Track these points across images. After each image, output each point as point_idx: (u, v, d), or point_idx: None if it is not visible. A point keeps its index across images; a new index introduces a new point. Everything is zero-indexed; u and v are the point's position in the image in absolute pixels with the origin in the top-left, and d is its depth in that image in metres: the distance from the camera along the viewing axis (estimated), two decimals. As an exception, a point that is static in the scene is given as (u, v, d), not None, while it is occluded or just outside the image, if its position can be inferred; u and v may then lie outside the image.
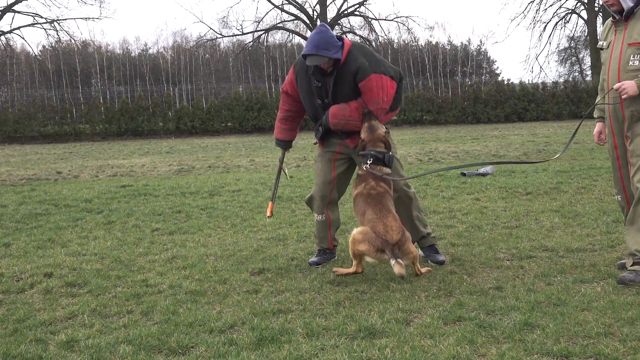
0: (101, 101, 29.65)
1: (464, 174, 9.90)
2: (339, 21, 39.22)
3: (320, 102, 4.93)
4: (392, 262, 4.26)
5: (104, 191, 9.56)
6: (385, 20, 38.89)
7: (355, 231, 4.54)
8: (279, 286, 4.48)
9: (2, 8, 35.32)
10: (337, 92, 4.82)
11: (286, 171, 5.58)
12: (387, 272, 4.69)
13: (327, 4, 38.36)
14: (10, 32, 36.79)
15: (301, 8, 38.47)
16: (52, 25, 36.40)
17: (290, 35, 41.62)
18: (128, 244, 6.04)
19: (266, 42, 41.97)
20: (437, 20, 77.79)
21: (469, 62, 47.53)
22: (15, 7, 35.86)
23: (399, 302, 4.01)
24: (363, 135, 4.82)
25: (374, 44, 40.26)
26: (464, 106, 29.62)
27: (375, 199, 4.65)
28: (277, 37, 46.33)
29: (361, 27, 40.76)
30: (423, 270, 4.63)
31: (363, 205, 4.68)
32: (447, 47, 47.78)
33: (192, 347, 3.44)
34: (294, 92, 5.12)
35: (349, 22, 40.58)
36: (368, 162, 4.76)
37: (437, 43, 46.96)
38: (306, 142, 18.59)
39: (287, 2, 38.52)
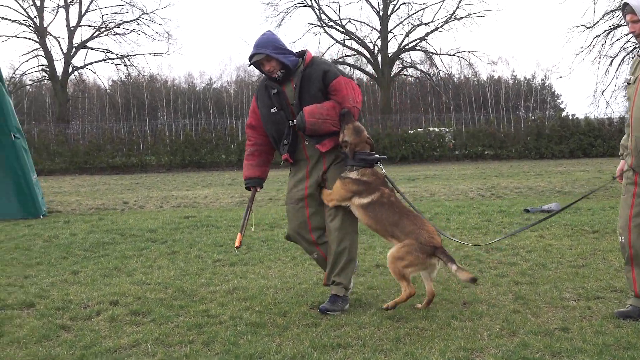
0: (166, 134, 30.62)
1: (527, 210, 9.70)
2: (400, 56, 39.38)
3: (279, 111, 4.81)
4: (454, 268, 4.39)
5: (168, 222, 9.80)
6: (446, 55, 38.81)
7: (393, 250, 4.55)
8: (338, 320, 4.47)
9: (76, 45, 37.13)
10: (304, 91, 4.74)
11: (252, 218, 5.29)
12: (448, 308, 4.62)
13: (389, 39, 38.66)
14: (83, 67, 38.65)
15: (362, 43, 38.88)
16: (123, 60, 38.06)
17: (351, 70, 41.96)
18: (190, 274, 6.16)
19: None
20: (501, 55, 77.09)
21: (533, 96, 46.86)
22: (89, 44, 37.65)
23: (461, 341, 3.94)
24: (349, 138, 4.71)
25: (434, 78, 40.20)
26: (527, 141, 29.17)
27: (400, 207, 4.70)
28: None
29: (422, 62, 40.83)
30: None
31: (390, 214, 4.63)
32: (510, 81, 47.26)
33: (252, 379, 3.46)
34: (257, 122, 5.05)
35: (410, 57, 40.67)
36: (380, 166, 4.85)
37: (499, 77, 46.56)
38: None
39: (348, 38, 39.01)
